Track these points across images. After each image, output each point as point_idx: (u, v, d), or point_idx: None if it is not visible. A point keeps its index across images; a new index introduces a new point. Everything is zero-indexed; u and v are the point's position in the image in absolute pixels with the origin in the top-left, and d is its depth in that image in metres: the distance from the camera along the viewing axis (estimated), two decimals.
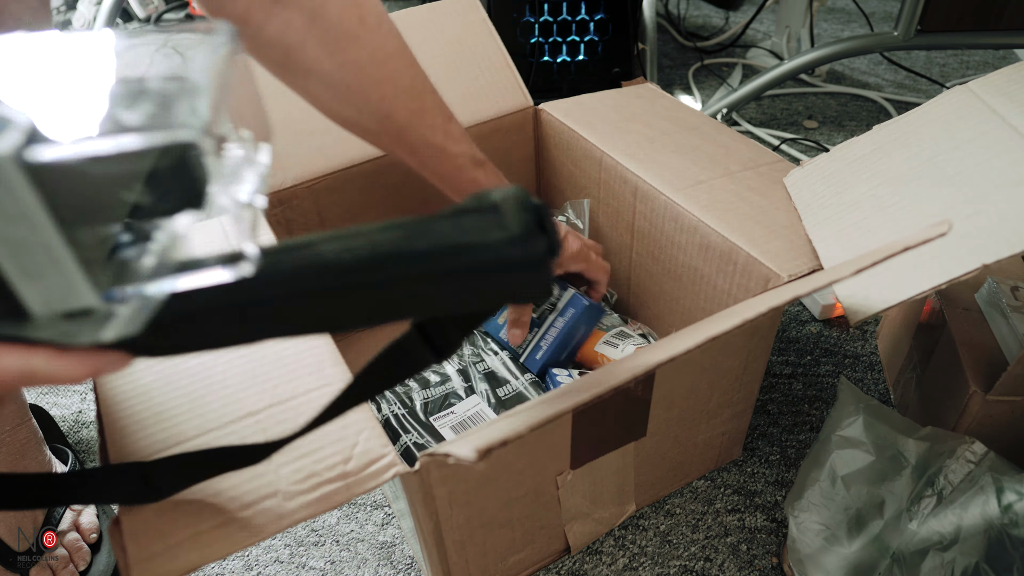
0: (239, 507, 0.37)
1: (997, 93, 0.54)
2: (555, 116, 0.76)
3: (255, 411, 0.43)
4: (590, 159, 0.72)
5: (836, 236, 0.54)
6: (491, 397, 0.66)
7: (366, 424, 0.42)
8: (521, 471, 0.52)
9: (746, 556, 0.63)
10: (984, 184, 0.48)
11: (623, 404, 0.54)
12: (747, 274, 0.57)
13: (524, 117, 0.78)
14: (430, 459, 0.40)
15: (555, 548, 0.61)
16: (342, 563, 0.64)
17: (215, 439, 0.41)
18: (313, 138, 0.70)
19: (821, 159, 0.61)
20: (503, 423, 0.39)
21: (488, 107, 0.76)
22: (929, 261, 0.46)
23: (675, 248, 0.64)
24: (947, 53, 1.48)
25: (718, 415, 0.64)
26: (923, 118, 0.57)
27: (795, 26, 1.36)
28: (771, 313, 0.40)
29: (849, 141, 0.60)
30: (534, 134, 0.80)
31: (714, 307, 0.63)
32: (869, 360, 0.81)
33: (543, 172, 0.82)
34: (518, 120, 0.78)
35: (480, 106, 0.76)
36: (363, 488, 0.39)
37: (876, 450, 0.53)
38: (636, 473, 0.61)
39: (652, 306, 0.73)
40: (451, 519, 0.50)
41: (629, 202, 0.68)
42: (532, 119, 0.78)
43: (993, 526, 0.47)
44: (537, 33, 1.17)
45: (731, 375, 0.61)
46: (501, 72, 0.77)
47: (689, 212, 0.61)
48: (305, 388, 0.44)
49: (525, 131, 0.79)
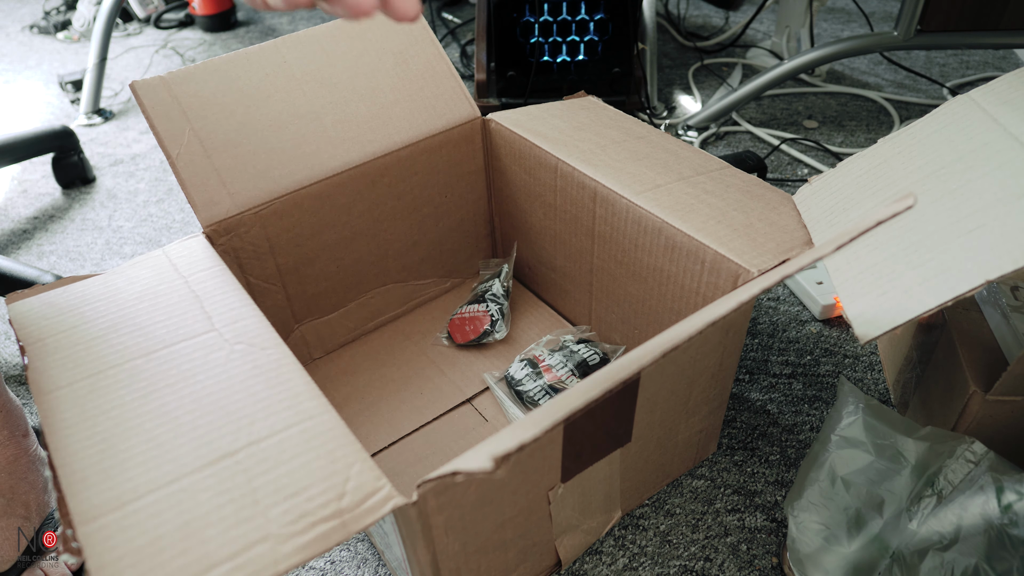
0: (227, 555, 0.35)
1: (999, 102, 0.54)
2: (505, 126, 0.75)
3: (232, 451, 0.40)
4: (545, 167, 0.71)
5: (844, 252, 0.54)
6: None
7: (356, 457, 0.40)
8: (515, 490, 0.51)
9: (746, 556, 0.63)
10: (986, 197, 0.49)
11: (610, 411, 0.54)
12: (716, 272, 0.57)
13: (472, 128, 0.76)
14: (429, 487, 0.39)
15: (547, 564, 0.61)
16: (342, 563, 0.64)
17: (192, 484, 0.38)
18: (256, 160, 0.66)
19: (828, 175, 0.61)
20: (512, 432, 0.38)
21: (435, 120, 0.74)
22: (935, 277, 0.46)
23: (639, 250, 0.64)
24: (947, 53, 1.48)
25: (696, 413, 0.64)
26: (925, 130, 0.57)
27: (795, 26, 1.36)
28: (745, 306, 0.40)
29: (854, 156, 0.61)
30: (483, 145, 0.79)
31: (682, 306, 0.63)
32: (869, 360, 0.81)
33: (495, 182, 0.82)
34: (466, 131, 0.76)
35: (426, 119, 0.74)
36: (360, 525, 0.37)
37: (876, 450, 0.53)
38: (621, 479, 0.62)
39: (616, 309, 0.73)
40: (447, 548, 0.49)
41: (588, 207, 0.68)
42: (480, 130, 0.77)
43: (993, 526, 0.47)
44: (537, 33, 1.17)
45: (707, 372, 0.61)
46: (446, 82, 0.76)
47: (652, 214, 0.61)
48: (285, 423, 0.42)
49: (474, 142, 0.78)
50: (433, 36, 0.77)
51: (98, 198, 1.18)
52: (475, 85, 1.27)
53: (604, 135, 0.72)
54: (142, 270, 0.55)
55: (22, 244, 1.08)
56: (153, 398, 0.43)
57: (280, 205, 0.67)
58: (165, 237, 1.08)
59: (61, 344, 0.48)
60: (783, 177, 1.13)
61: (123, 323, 0.49)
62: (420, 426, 0.72)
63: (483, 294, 0.83)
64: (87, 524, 0.37)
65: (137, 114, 1.40)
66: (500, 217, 0.85)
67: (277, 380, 0.45)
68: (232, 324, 0.49)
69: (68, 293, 0.53)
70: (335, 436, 0.41)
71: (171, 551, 0.35)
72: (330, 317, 0.79)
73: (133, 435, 0.41)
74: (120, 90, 1.49)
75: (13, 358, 0.88)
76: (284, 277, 0.72)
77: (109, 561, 0.35)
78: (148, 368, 0.46)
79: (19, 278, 0.90)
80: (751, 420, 0.75)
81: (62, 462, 0.40)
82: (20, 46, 1.72)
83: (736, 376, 0.80)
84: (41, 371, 0.46)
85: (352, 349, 0.82)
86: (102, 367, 0.46)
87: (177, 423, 0.42)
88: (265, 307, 0.71)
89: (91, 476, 0.39)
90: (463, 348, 0.80)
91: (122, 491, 0.38)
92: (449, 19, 1.68)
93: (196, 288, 0.53)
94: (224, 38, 1.71)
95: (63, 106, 1.44)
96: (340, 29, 0.73)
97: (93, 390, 0.44)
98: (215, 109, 0.65)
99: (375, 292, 0.81)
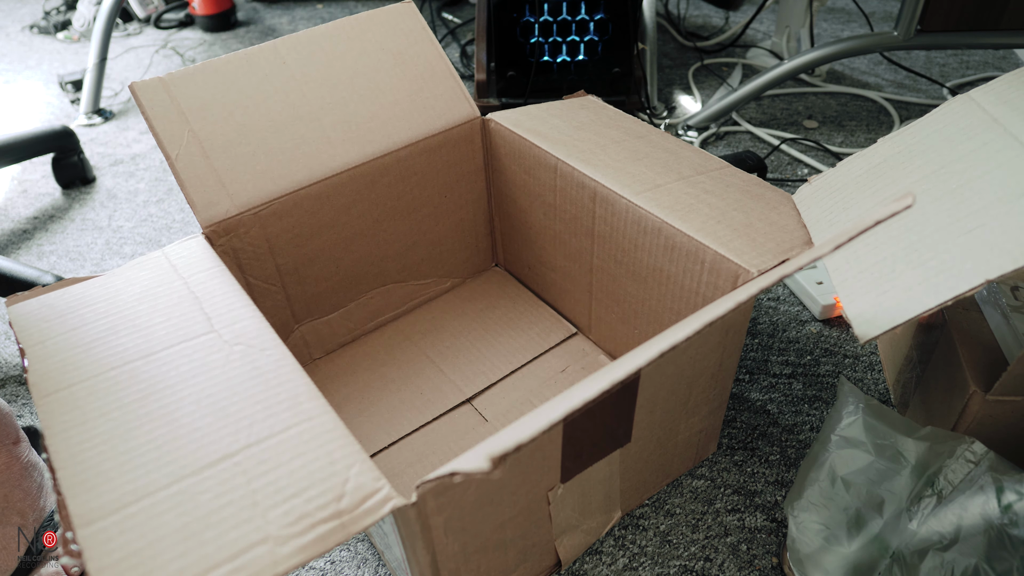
0: (226, 557, 0.35)
1: (999, 102, 0.54)
2: (504, 126, 0.74)
3: (231, 453, 0.40)
4: (544, 167, 0.71)
5: (844, 252, 0.54)
6: None
7: (355, 459, 0.40)
8: (514, 491, 0.51)
9: (746, 556, 0.63)
10: (986, 196, 0.48)
11: (609, 411, 0.54)
12: (715, 272, 0.57)
13: (472, 128, 0.76)
14: (428, 488, 0.39)
15: (546, 564, 0.61)
16: (342, 563, 0.64)
17: (191, 486, 0.38)
18: (255, 161, 0.66)
19: (827, 175, 0.61)
20: (509, 433, 0.38)
21: (434, 120, 0.74)
22: (935, 277, 0.46)
23: (639, 250, 0.64)
24: (947, 53, 1.48)
25: (696, 413, 0.64)
26: (925, 129, 0.57)
27: (795, 26, 1.36)
28: (744, 306, 0.40)
29: (854, 156, 0.61)
30: (483, 145, 0.79)
31: (682, 307, 0.63)
32: (869, 360, 0.81)
33: (494, 182, 0.82)
34: (466, 131, 0.76)
35: (426, 119, 0.74)
36: (360, 526, 0.37)
37: (876, 450, 0.53)
38: (621, 479, 0.62)
39: (616, 309, 0.73)
40: (446, 548, 0.49)
41: (588, 207, 0.68)
42: (480, 129, 0.77)
43: (993, 526, 0.47)
44: (537, 33, 1.17)
45: (707, 373, 0.61)
46: (445, 82, 0.75)
47: (652, 214, 0.61)
48: (284, 425, 0.42)
49: (473, 142, 0.78)
50: (433, 36, 0.77)
51: (98, 198, 1.18)
52: (475, 85, 1.27)
53: (604, 135, 0.72)
54: (141, 271, 0.55)
55: (22, 244, 1.08)
56: (152, 400, 0.43)
57: (279, 206, 0.67)
58: (165, 237, 1.08)
59: (61, 347, 0.48)
60: (783, 177, 1.12)
61: (122, 325, 0.49)
62: (420, 426, 0.72)
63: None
64: (87, 527, 0.37)
65: (137, 114, 1.40)
66: (500, 217, 0.85)
67: (276, 381, 0.45)
68: (231, 325, 0.49)
69: (67, 295, 0.53)
70: (334, 437, 0.41)
71: (171, 553, 0.35)
72: (330, 317, 0.79)
73: (132, 437, 0.41)
74: (120, 90, 1.49)
75: (13, 358, 0.88)
76: (284, 277, 0.72)
77: (109, 564, 0.35)
78: (147, 370, 0.46)
79: (19, 278, 0.90)
80: (751, 420, 0.75)
81: (62, 465, 0.40)
82: (20, 46, 1.72)
83: (736, 376, 0.80)
84: (41, 374, 0.46)
85: (352, 349, 0.82)
86: (101, 369, 0.46)
87: (176, 425, 0.42)
88: (265, 308, 0.71)
89: (91, 479, 0.39)
90: (462, 346, 0.80)
91: (122, 493, 0.38)
92: (449, 19, 1.68)
93: (195, 289, 0.53)
94: (224, 38, 1.71)
95: (63, 106, 1.44)
96: (340, 30, 0.73)
97: (92, 392, 0.44)
98: (214, 110, 0.65)
99: (375, 292, 0.81)
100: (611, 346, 0.78)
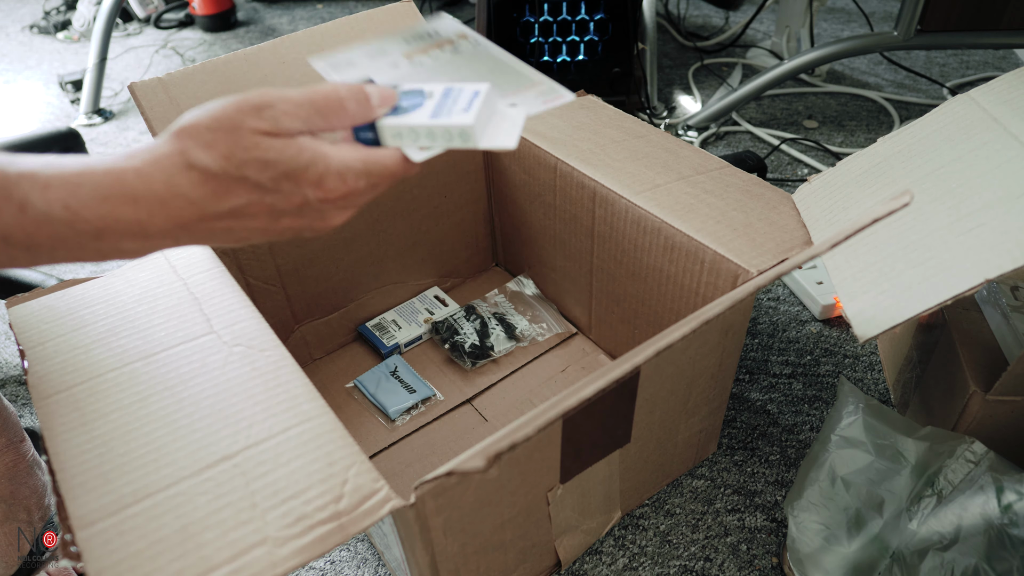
0: (225, 559, 0.35)
1: (999, 101, 0.54)
2: None
3: (231, 454, 0.40)
4: (544, 166, 0.72)
5: (843, 251, 0.54)
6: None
7: (354, 460, 0.40)
8: (513, 491, 0.51)
9: (746, 556, 0.63)
10: (986, 196, 0.48)
11: (609, 411, 0.54)
12: (715, 272, 0.57)
13: None
14: (426, 488, 0.39)
15: (546, 564, 0.61)
16: (342, 563, 0.64)
17: (190, 488, 0.38)
18: None
19: (827, 174, 0.61)
20: (507, 433, 0.38)
21: None
22: (934, 277, 0.46)
23: (638, 250, 0.65)
24: (947, 53, 1.48)
25: (696, 413, 0.64)
26: (925, 129, 0.57)
27: (795, 26, 1.36)
28: (744, 305, 0.40)
29: (854, 155, 0.61)
30: None
31: (681, 306, 0.63)
32: (869, 360, 0.81)
33: (494, 182, 0.82)
34: None
35: None
36: (358, 527, 0.37)
37: (876, 450, 0.53)
38: (621, 480, 0.62)
39: (616, 309, 0.73)
40: (445, 549, 0.49)
41: (588, 207, 0.68)
42: None
43: (993, 526, 0.47)
44: (537, 33, 1.17)
45: (707, 373, 0.61)
46: None
47: (651, 214, 0.61)
48: (283, 426, 0.42)
49: None
50: None
51: None
52: None
53: (604, 135, 0.72)
54: (141, 272, 0.55)
55: None
56: (151, 401, 0.43)
57: None
58: None
59: (60, 348, 0.48)
60: (783, 177, 1.12)
61: (122, 326, 0.49)
62: (420, 426, 0.72)
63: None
64: (86, 528, 0.37)
65: (137, 114, 1.40)
66: (500, 217, 0.85)
67: (275, 382, 0.45)
68: (231, 326, 0.49)
69: (67, 296, 0.53)
70: (333, 438, 0.41)
71: (170, 555, 0.35)
72: (330, 317, 0.79)
73: (132, 439, 0.41)
74: (120, 90, 1.49)
75: (13, 358, 0.88)
76: (284, 278, 0.72)
77: (108, 565, 0.35)
78: (147, 371, 0.46)
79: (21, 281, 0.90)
80: (751, 420, 0.75)
81: (61, 466, 0.40)
82: (20, 46, 1.72)
83: (736, 376, 0.80)
84: (41, 375, 0.46)
85: (352, 349, 0.82)
86: (101, 371, 0.46)
87: (176, 426, 0.42)
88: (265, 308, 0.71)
89: (90, 480, 0.39)
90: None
91: (121, 495, 0.38)
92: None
93: (195, 290, 0.53)
94: (224, 38, 1.71)
95: (63, 106, 1.44)
96: (339, 30, 0.73)
97: (92, 394, 0.44)
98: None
99: (375, 292, 0.81)
100: (611, 346, 0.78)
